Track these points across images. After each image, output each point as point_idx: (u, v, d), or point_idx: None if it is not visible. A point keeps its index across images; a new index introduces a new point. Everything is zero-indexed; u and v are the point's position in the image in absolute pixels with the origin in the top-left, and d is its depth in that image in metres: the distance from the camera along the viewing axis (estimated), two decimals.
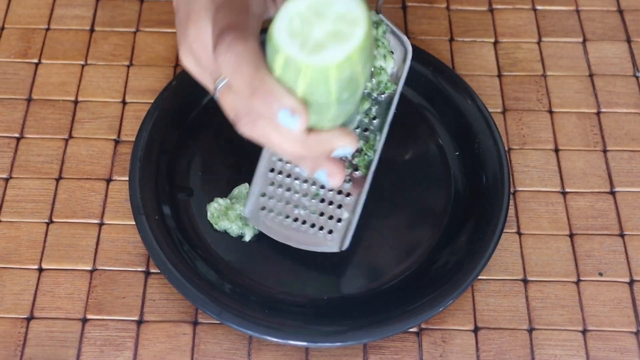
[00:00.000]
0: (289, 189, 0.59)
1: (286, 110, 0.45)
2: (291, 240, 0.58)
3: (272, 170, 0.59)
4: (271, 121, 0.46)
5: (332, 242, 0.57)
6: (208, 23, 0.48)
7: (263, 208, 0.59)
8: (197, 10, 0.49)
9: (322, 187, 0.58)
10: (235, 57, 0.45)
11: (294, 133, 0.46)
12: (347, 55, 0.43)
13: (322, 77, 0.44)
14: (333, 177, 0.50)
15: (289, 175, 0.59)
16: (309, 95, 0.45)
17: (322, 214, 0.58)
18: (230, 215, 0.60)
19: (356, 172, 0.57)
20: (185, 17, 0.50)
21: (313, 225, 0.58)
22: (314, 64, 0.43)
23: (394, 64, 0.56)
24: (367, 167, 0.57)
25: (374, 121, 0.57)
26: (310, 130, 0.47)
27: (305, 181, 0.58)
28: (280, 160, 0.59)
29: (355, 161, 0.57)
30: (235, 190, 0.62)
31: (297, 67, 0.44)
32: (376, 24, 0.56)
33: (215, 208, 0.61)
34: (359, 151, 0.57)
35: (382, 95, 0.57)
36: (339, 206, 0.57)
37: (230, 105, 0.49)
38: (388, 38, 0.57)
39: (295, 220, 0.58)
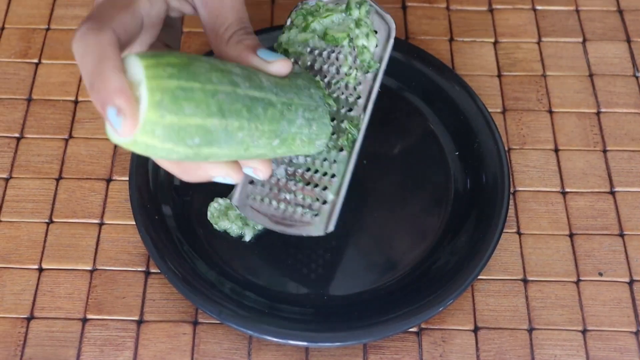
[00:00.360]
0: (275, 174, 0.57)
1: (113, 108, 0.40)
2: (278, 227, 0.57)
3: None
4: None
5: (316, 225, 0.56)
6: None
7: (250, 196, 0.58)
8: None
9: (308, 169, 0.57)
10: (84, 48, 0.43)
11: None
12: (145, 120, 0.41)
13: (145, 146, 0.42)
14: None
15: (275, 161, 0.58)
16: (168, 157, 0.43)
17: (307, 197, 0.56)
18: (231, 215, 0.60)
19: (341, 152, 0.57)
20: None
21: (298, 209, 0.56)
22: (135, 141, 0.42)
23: (377, 42, 0.56)
24: (352, 146, 0.56)
25: (359, 100, 0.57)
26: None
27: (290, 165, 0.57)
28: None
29: (340, 141, 0.57)
30: None
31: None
32: (359, 4, 0.56)
33: (215, 208, 0.61)
34: (343, 131, 0.57)
35: (367, 75, 0.57)
36: (324, 188, 0.56)
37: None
38: (372, 18, 0.56)
39: (281, 205, 0.57)
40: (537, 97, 0.69)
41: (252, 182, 0.58)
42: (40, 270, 0.60)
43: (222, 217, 0.60)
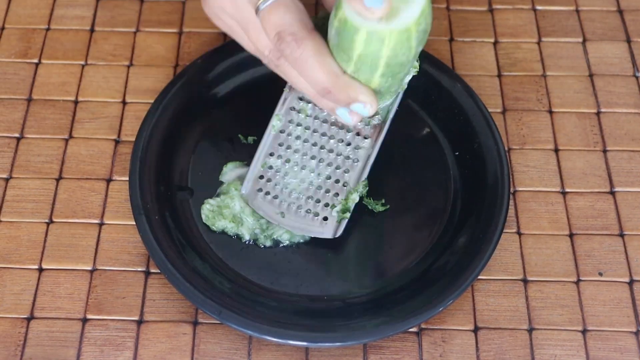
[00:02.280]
0: (286, 174, 0.59)
1: (360, 103, 0.51)
2: (285, 223, 0.59)
3: (271, 154, 0.60)
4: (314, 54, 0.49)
5: (326, 229, 0.58)
6: None
7: (260, 190, 0.60)
8: None
9: (319, 174, 0.59)
10: (312, 59, 0.49)
11: (331, 66, 0.50)
12: (422, 9, 0.49)
13: (404, 37, 0.49)
14: (353, 115, 0.53)
15: (287, 161, 0.59)
16: (391, 59, 0.50)
17: (318, 201, 0.59)
18: (226, 214, 0.60)
19: (355, 163, 0.58)
20: None
21: (309, 211, 0.59)
22: (397, 28, 0.49)
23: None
24: (366, 160, 0.58)
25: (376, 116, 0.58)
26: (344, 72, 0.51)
27: (303, 168, 0.59)
28: (281, 144, 0.59)
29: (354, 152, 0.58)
30: (225, 175, 0.62)
31: (380, 37, 0.49)
32: None
33: (209, 209, 0.61)
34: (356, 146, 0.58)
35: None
36: (336, 194, 0.58)
37: (278, 23, 0.50)
38: None
39: (291, 204, 0.59)
40: (537, 97, 0.69)
41: (262, 177, 0.59)
42: (40, 270, 0.60)
43: (217, 217, 0.60)
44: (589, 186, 0.64)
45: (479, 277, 0.59)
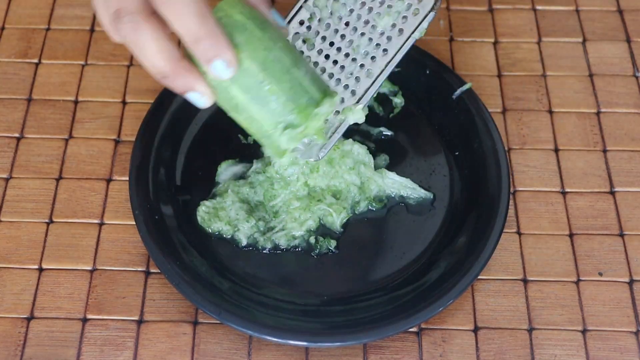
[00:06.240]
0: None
1: (224, 61, 0.47)
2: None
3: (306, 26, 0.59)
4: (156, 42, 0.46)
5: (311, 152, 0.58)
6: None
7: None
8: None
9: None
10: (150, 43, 0.46)
11: (171, 51, 0.47)
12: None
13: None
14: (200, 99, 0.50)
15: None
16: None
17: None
18: (222, 216, 0.60)
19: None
20: None
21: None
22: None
23: None
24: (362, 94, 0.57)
25: (383, 55, 0.57)
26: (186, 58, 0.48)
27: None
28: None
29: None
30: (220, 175, 0.63)
31: None
32: None
33: (204, 211, 0.61)
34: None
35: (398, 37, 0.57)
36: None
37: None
38: None
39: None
40: (537, 97, 0.69)
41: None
42: (40, 270, 0.60)
43: (213, 219, 0.60)
44: (589, 186, 0.64)
45: (479, 277, 0.59)
